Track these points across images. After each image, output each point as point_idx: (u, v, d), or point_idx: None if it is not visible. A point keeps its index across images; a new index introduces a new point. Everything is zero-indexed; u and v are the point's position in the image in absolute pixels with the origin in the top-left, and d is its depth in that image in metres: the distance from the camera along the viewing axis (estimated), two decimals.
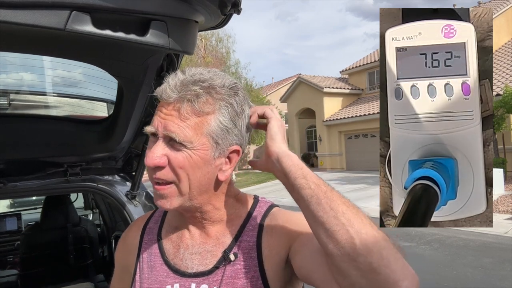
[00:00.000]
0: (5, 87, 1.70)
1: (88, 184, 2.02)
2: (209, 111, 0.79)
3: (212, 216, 0.89)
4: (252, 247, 0.86)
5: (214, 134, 0.80)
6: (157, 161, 0.78)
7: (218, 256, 0.87)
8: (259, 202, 0.94)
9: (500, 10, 18.03)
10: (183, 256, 0.89)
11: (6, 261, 3.89)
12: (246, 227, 0.89)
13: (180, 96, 0.77)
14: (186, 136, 0.77)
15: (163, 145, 0.79)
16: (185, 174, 0.79)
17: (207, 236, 0.90)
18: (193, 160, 0.79)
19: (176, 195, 0.82)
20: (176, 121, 0.77)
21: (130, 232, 1.03)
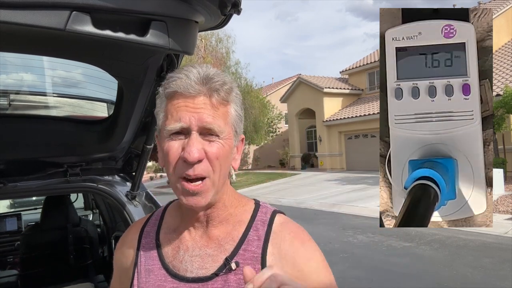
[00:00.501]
0: (5, 87, 1.69)
1: (88, 185, 2.02)
2: (229, 100, 0.83)
3: (219, 215, 0.88)
4: (256, 259, 0.84)
5: (234, 123, 0.84)
6: (200, 154, 0.78)
7: (219, 262, 0.85)
8: (261, 207, 0.93)
9: (500, 10, 18.03)
10: (183, 258, 0.88)
11: (6, 261, 3.90)
12: (249, 235, 0.87)
13: (209, 88, 0.79)
14: (220, 126, 0.80)
15: (199, 139, 0.79)
16: (219, 165, 0.81)
17: (209, 239, 0.88)
18: (225, 150, 0.81)
19: (210, 189, 0.81)
20: (209, 113, 0.79)
21: (128, 235, 1.01)
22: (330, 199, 12.78)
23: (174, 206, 0.99)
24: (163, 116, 0.83)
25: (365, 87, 23.59)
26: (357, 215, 10.26)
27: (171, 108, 0.81)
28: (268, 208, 0.93)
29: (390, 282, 5.06)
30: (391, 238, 7.33)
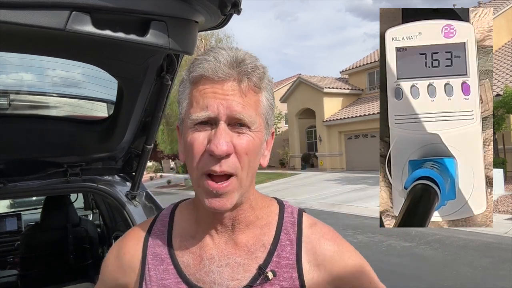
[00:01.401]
0: (5, 87, 1.69)
1: (88, 185, 2.02)
2: (262, 87, 0.73)
3: (246, 218, 0.78)
4: (292, 267, 0.77)
5: (266, 113, 0.75)
6: (228, 148, 0.68)
7: (251, 271, 0.76)
8: (285, 207, 0.85)
9: (500, 10, 18.03)
10: (209, 269, 0.76)
11: (6, 261, 3.90)
12: (280, 239, 0.79)
13: (239, 72, 0.70)
14: (251, 116, 0.70)
15: (227, 130, 0.69)
16: (248, 161, 0.71)
17: (236, 245, 0.78)
18: (255, 144, 0.72)
19: (237, 189, 0.72)
20: (239, 100, 0.69)
21: (126, 246, 0.86)
22: (330, 199, 12.77)
23: (186, 208, 0.87)
24: (187, 103, 0.74)
25: (365, 87, 23.59)
26: (357, 215, 10.26)
27: (196, 94, 0.71)
28: (293, 208, 0.86)
29: (390, 282, 5.04)
30: (391, 238, 7.33)
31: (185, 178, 26.08)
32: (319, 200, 12.76)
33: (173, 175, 32.65)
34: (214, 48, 0.73)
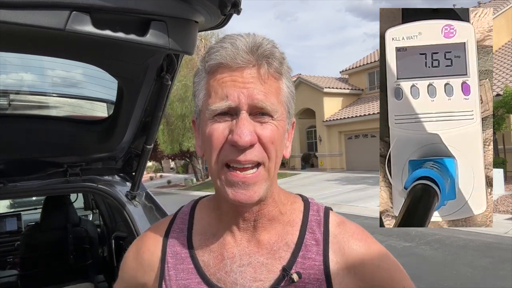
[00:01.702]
0: (5, 87, 1.70)
1: (88, 185, 2.02)
2: (282, 73, 0.70)
3: (269, 212, 0.74)
4: (318, 269, 0.72)
5: (287, 101, 0.72)
6: (252, 138, 0.64)
7: (275, 272, 0.72)
8: (311, 204, 0.80)
9: (500, 10, 18.04)
10: (230, 268, 0.73)
11: (6, 261, 3.90)
12: (305, 238, 0.75)
13: (258, 58, 0.66)
14: (273, 104, 0.67)
15: (249, 119, 0.66)
16: (274, 151, 0.68)
17: (258, 243, 0.74)
18: (280, 133, 0.69)
19: (265, 179, 0.68)
20: (260, 88, 0.66)
21: (145, 244, 0.83)
22: (330, 199, 12.77)
23: (206, 205, 0.83)
24: (204, 94, 0.70)
25: (365, 87, 23.60)
26: (357, 215, 10.26)
27: (214, 84, 0.68)
28: (319, 206, 0.81)
29: None
30: (391, 238, 7.33)
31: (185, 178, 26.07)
32: (319, 200, 12.67)
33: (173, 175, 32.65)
34: (229, 35, 0.69)
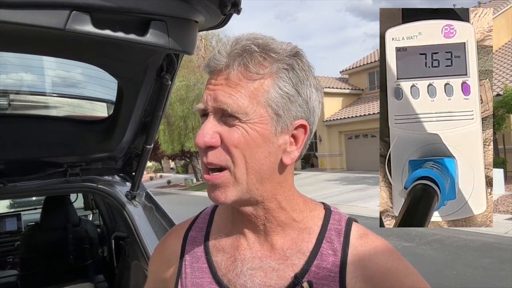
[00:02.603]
0: (5, 87, 1.70)
1: (88, 185, 2.02)
2: (265, 73, 0.65)
3: (276, 217, 0.72)
4: (334, 280, 0.69)
5: (274, 103, 0.66)
6: (208, 139, 0.65)
7: (286, 278, 0.70)
8: (332, 213, 0.77)
9: (500, 10, 18.04)
10: (240, 271, 0.72)
11: (6, 261, 3.90)
12: (321, 247, 0.71)
13: (230, 58, 0.65)
14: (239, 107, 0.64)
15: (214, 122, 0.66)
16: (241, 155, 0.66)
17: (271, 248, 0.72)
18: (250, 137, 0.65)
19: (232, 183, 0.67)
20: (226, 90, 0.65)
21: (168, 241, 0.86)
22: (330, 199, 12.78)
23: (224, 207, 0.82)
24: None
25: (365, 87, 23.60)
26: (357, 215, 10.25)
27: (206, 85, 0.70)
28: (342, 215, 0.77)
29: None
30: (391, 238, 7.33)
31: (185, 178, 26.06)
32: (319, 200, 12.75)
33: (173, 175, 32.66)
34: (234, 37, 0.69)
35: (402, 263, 0.72)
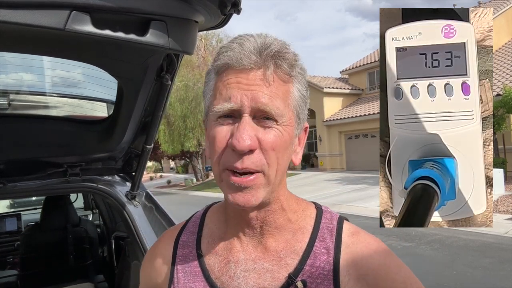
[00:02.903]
0: (5, 87, 1.70)
1: (88, 185, 2.02)
2: (292, 75, 0.67)
3: (276, 220, 0.73)
4: (327, 278, 0.69)
5: (297, 106, 0.68)
6: (252, 143, 0.63)
7: (280, 279, 0.70)
8: (324, 212, 0.78)
9: (500, 10, 18.04)
10: (234, 273, 0.72)
11: (6, 261, 3.90)
12: (315, 246, 0.72)
13: (265, 59, 0.64)
14: (278, 109, 0.64)
15: (252, 123, 0.64)
16: (275, 158, 0.65)
17: (265, 250, 0.73)
18: (284, 139, 0.66)
19: (263, 185, 0.66)
20: (265, 91, 0.64)
21: (159, 246, 0.86)
22: (330, 199, 12.78)
23: (217, 210, 0.84)
24: (211, 95, 0.69)
25: (365, 87, 23.60)
26: (357, 215, 10.26)
27: (220, 85, 0.66)
28: (333, 214, 0.78)
29: None
30: (391, 238, 7.33)
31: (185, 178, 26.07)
32: (319, 200, 12.58)
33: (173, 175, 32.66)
34: (241, 35, 0.68)
35: (393, 260, 0.72)
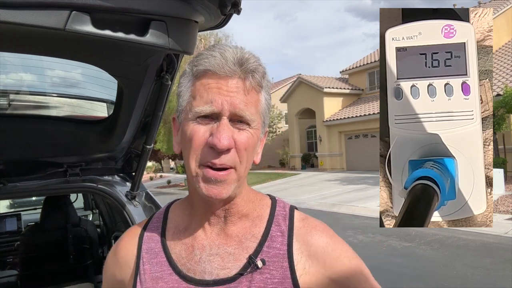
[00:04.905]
0: (5, 87, 1.69)
1: (88, 185, 2.01)
2: (263, 86, 0.77)
3: (239, 211, 0.81)
4: (283, 256, 0.79)
5: (264, 112, 0.78)
6: (230, 142, 0.71)
7: (242, 260, 0.78)
8: (278, 201, 0.87)
9: (500, 10, 18.04)
10: (199, 258, 0.79)
11: (6, 261, 3.89)
12: (271, 230, 0.81)
13: (244, 70, 0.73)
14: (252, 114, 0.74)
15: (229, 125, 0.72)
16: (246, 156, 0.74)
17: (227, 236, 0.80)
18: (253, 141, 0.76)
19: (234, 180, 0.74)
20: (242, 98, 0.72)
21: (122, 243, 0.90)
22: (330, 199, 12.78)
23: (180, 205, 0.90)
24: (189, 96, 0.76)
25: (365, 87, 23.60)
26: (357, 215, 10.26)
27: (200, 88, 0.73)
28: (285, 203, 0.88)
29: (390, 282, 5.05)
30: (391, 238, 7.33)
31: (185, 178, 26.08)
32: (319, 200, 12.76)
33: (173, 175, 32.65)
34: (219, 44, 0.76)
35: (338, 240, 0.84)
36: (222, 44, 0.76)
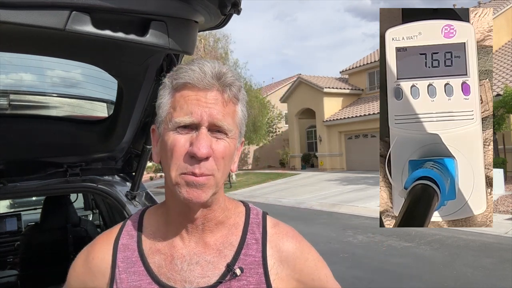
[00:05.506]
0: (5, 87, 1.70)
1: (88, 185, 2.01)
2: (239, 98, 0.81)
3: (216, 217, 0.84)
4: (258, 263, 0.83)
5: (240, 123, 0.82)
6: (208, 151, 0.74)
7: (220, 269, 0.81)
8: (251, 209, 0.92)
9: (500, 10, 18.04)
10: (180, 268, 0.81)
11: (6, 261, 3.89)
12: (247, 238, 0.86)
13: (222, 84, 0.77)
14: (229, 124, 0.78)
15: (208, 135, 0.76)
16: (223, 164, 0.78)
17: (205, 245, 0.83)
18: (230, 150, 0.79)
19: (212, 186, 0.77)
20: (220, 109, 0.76)
21: (94, 250, 0.89)
22: (330, 199, 12.77)
23: (154, 212, 0.91)
24: (169, 107, 0.79)
25: (365, 87, 23.60)
26: (357, 215, 10.26)
27: (180, 100, 0.77)
28: (258, 210, 0.92)
29: (390, 282, 5.05)
30: (391, 238, 7.33)
31: None
32: (319, 200, 12.76)
33: None
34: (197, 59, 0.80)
35: (305, 244, 0.90)
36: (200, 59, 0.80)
